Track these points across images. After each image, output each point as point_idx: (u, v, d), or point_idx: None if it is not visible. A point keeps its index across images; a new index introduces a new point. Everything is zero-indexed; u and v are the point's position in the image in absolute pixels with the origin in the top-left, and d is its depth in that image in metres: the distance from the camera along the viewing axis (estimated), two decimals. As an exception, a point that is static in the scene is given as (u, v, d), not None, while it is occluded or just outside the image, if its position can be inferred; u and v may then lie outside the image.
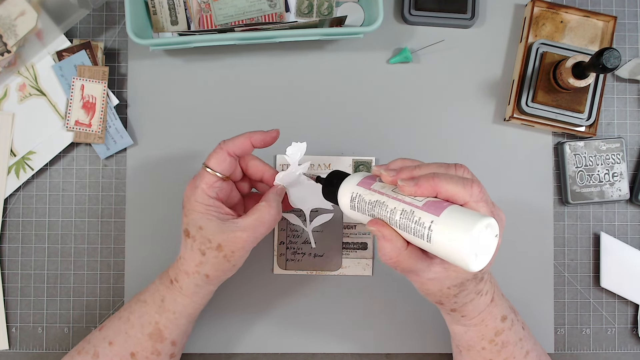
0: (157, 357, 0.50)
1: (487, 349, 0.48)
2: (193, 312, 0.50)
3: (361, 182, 0.44)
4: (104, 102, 0.59)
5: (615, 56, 0.50)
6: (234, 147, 0.48)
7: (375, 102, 0.62)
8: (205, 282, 0.48)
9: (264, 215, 0.47)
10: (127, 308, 0.51)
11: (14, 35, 0.55)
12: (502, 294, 0.50)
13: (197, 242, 0.47)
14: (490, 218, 0.37)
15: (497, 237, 0.39)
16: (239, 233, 0.46)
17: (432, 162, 0.43)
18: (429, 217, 0.38)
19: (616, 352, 0.62)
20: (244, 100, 0.62)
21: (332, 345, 0.61)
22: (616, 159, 0.61)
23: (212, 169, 0.47)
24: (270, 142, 0.49)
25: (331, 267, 0.61)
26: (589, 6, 0.64)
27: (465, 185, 0.39)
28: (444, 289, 0.43)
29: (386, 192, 0.42)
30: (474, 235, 0.36)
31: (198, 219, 0.47)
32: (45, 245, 0.61)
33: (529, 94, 0.60)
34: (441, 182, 0.39)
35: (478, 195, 0.39)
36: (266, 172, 0.51)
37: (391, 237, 0.40)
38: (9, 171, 0.60)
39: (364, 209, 0.43)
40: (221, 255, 0.46)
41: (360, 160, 0.61)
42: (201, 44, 0.56)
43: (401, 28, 0.63)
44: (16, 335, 0.60)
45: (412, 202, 0.40)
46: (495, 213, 0.42)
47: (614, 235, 0.62)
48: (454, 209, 0.38)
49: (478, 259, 0.37)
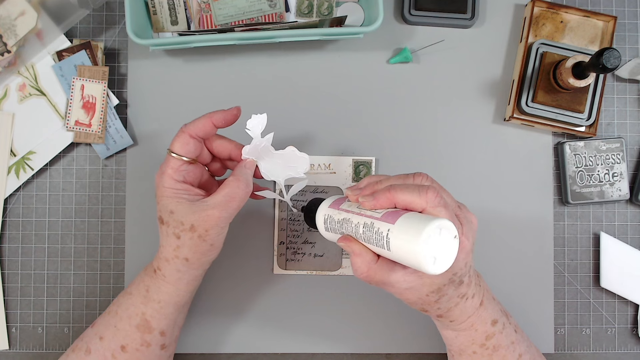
0: (147, 349, 0.50)
1: (478, 353, 0.48)
2: (179, 300, 0.50)
3: (332, 204, 0.47)
4: (104, 102, 0.59)
5: (615, 56, 0.50)
6: (195, 128, 0.48)
7: (375, 102, 0.62)
8: (186, 266, 0.48)
9: (233, 190, 0.47)
10: (115, 302, 0.52)
11: (14, 35, 0.56)
12: (493, 298, 0.49)
13: (171, 227, 0.47)
14: (442, 220, 0.38)
15: (457, 238, 0.39)
16: (210, 211, 0.46)
17: (395, 175, 0.45)
18: (385, 226, 0.40)
19: (616, 352, 0.62)
20: (243, 100, 0.62)
21: (332, 345, 0.61)
22: (616, 159, 0.61)
23: (177, 153, 0.47)
24: (232, 119, 0.49)
25: (331, 267, 0.61)
26: (589, 6, 0.64)
27: (420, 192, 0.40)
28: (423, 297, 0.43)
29: (352, 210, 0.44)
30: (425, 238, 0.37)
31: (168, 204, 0.47)
32: (45, 245, 0.61)
33: (529, 94, 0.60)
34: (397, 193, 0.41)
35: (434, 200, 0.40)
36: (233, 149, 0.51)
37: (360, 251, 0.42)
38: (9, 171, 0.60)
39: (334, 228, 0.46)
40: (196, 235, 0.46)
41: (360, 160, 0.61)
42: (201, 44, 0.56)
43: (401, 28, 0.63)
44: (16, 335, 0.60)
45: (372, 215, 0.42)
46: (462, 216, 0.42)
47: (614, 235, 0.62)
48: (409, 216, 0.39)
49: (437, 261, 0.38)
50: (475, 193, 0.62)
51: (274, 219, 0.61)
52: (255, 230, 0.61)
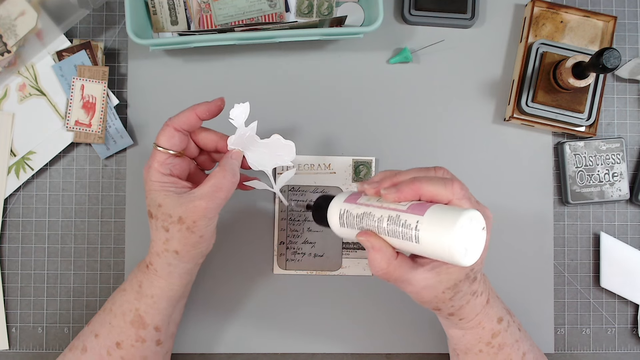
0: (143, 344, 0.50)
1: (484, 351, 0.48)
2: (173, 294, 0.50)
3: (348, 199, 0.46)
4: (104, 102, 0.59)
5: (615, 56, 0.50)
6: (179, 122, 0.48)
7: (375, 102, 0.62)
8: (176, 259, 0.48)
9: (219, 181, 0.47)
10: (109, 300, 0.52)
11: (14, 35, 0.55)
12: (496, 295, 0.49)
13: (159, 220, 0.47)
14: (472, 210, 0.38)
15: (485, 230, 0.39)
16: (197, 202, 0.46)
17: (412, 168, 0.44)
18: (414, 218, 0.39)
19: (616, 352, 0.62)
20: (243, 100, 0.62)
21: (332, 345, 0.61)
22: (616, 159, 0.61)
23: (162, 147, 0.48)
24: (216, 111, 0.49)
25: (331, 267, 0.61)
26: (589, 6, 0.64)
27: (446, 184, 0.40)
28: (439, 294, 0.43)
29: (372, 203, 0.43)
30: (458, 228, 0.36)
31: (156, 197, 0.47)
32: (45, 245, 0.61)
33: (529, 94, 0.60)
34: (422, 185, 0.40)
35: (460, 192, 0.40)
36: (219, 141, 0.51)
37: (380, 246, 0.42)
38: (9, 171, 0.60)
39: (352, 223, 0.45)
40: (184, 227, 0.46)
41: (360, 160, 0.61)
42: (201, 44, 0.56)
43: (401, 28, 0.63)
44: (16, 335, 0.60)
45: (397, 207, 0.41)
46: (480, 208, 0.42)
47: (614, 235, 0.62)
48: (438, 207, 0.39)
49: (468, 253, 0.38)
50: (475, 193, 0.61)
51: (274, 219, 0.61)
52: (255, 230, 0.61)
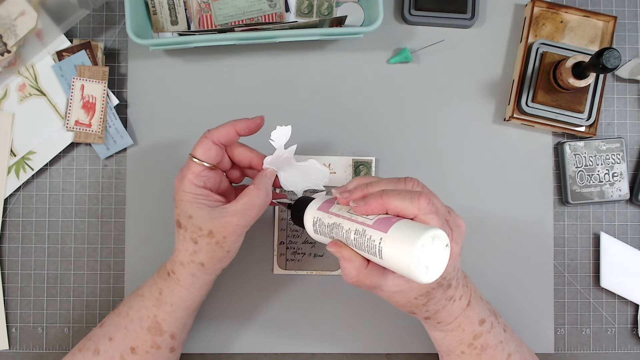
0: (157, 351, 0.50)
1: (466, 353, 0.48)
2: (191, 304, 0.50)
3: (321, 206, 0.47)
4: (104, 102, 0.59)
5: (615, 56, 0.50)
6: (219, 135, 0.48)
7: (375, 102, 0.62)
8: (201, 271, 0.48)
9: (252, 199, 0.47)
10: (125, 303, 0.52)
11: (14, 35, 0.56)
12: (480, 297, 0.49)
13: (188, 231, 0.47)
14: (436, 229, 0.37)
15: (448, 247, 0.39)
16: (229, 218, 0.46)
17: (385, 178, 0.44)
18: (378, 234, 0.39)
19: (616, 352, 0.62)
20: (243, 100, 0.62)
21: (332, 346, 0.61)
22: (616, 159, 0.61)
23: (199, 159, 0.48)
24: (255, 129, 0.49)
25: (331, 267, 0.61)
26: (589, 6, 0.64)
27: (412, 198, 0.40)
28: (412, 300, 0.44)
29: (342, 214, 0.44)
30: (419, 247, 0.36)
31: (187, 208, 0.47)
32: (45, 245, 0.61)
33: (529, 94, 0.60)
34: (389, 199, 0.40)
35: (426, 207, 0.40)
36: (254, 158, 0.51)
37: (350, 256, 0.42)
38: (9, 171, 0.60)
39: (324, 232, 0.45)
40: (213, 241, 0.46)
41: (360, 160, 0.61)
42: (201, 44, 0.57)
43: (401, 28, 0.63)
44: (16, 335, 0.60)
45: (364, 221, 0.41)
46: (451, 221, 0.42)
47: (614, 235, 0.62)
48: (402, 224, 0.39)
49: (429, 271, 0.38)
50: (475, 193, 0.62)
51: (274, 219, 0.61)
52: (255, 230, 0.61)
